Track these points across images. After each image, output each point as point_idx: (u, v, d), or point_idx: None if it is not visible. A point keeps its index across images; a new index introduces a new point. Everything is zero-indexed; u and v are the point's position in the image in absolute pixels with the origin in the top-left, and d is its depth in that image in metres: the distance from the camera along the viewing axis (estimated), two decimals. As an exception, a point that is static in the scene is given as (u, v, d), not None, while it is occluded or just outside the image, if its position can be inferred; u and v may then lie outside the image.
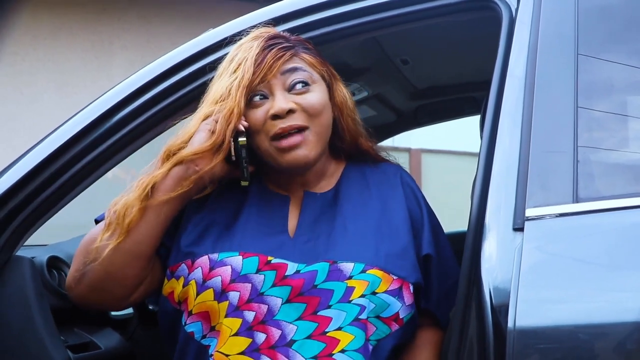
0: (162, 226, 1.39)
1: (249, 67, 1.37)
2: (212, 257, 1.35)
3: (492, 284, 1.18)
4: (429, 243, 1.43)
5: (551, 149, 1.26)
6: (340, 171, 1.50)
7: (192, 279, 1.35)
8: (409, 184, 1.50)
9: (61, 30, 5.73)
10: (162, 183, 1.36)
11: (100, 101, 1.60)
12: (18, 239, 1.57)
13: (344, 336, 1.30)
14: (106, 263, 1.36)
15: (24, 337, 1.56)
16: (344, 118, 1.47)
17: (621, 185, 1.28)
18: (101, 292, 1.41)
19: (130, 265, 1.38)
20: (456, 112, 2.80)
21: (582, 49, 1.32)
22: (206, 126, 1.37)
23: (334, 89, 1.47)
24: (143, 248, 1.38)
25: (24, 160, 1.56)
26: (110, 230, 1.36)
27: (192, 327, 1.35)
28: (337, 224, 1.40)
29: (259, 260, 1.34)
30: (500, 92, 1.35)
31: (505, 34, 1.41)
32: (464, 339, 1.22)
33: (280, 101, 1.37)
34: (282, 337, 1.30)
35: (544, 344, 1.14)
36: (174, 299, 1.38)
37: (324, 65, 1.46)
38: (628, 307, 1.14)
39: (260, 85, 1.38)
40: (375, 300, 1.32)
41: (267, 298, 1.31)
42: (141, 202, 1.35)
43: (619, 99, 1.35)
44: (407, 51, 2.24)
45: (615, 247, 1.20)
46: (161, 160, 1.39)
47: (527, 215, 1.21)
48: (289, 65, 1.40)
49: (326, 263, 1.33)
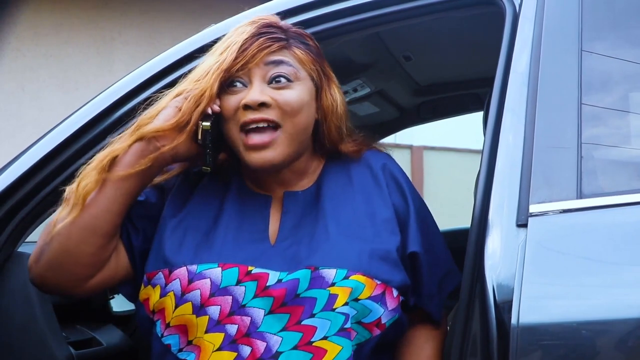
0: (121, 202, 1.33)
1: (233, 51, 1.32)
2: (190, 269, 1.30)
3: (496, 280, 1.18)
4: (416, 240, 1.38)
5: (555, 145, 1.25)
6: (321, 166, 1.45)
7: (170, 290, 1.30)
8: (394, 176, 1.44)
9: (63, 26, 5.73)
10: (123, 157, 1.31)
11: (102, 97, 1.59)
12: (20, 235, 1.57)
13: (330, 346, 1.26)
14: (63, 238, 1.31)
15: (26, 334, 1.56)
16: (327, 123, 1.41)
17: (625, 181, 1.27)
18: (59, 270, 1.33)
19: (86, 242, 1.31)
20: (459, 108, 2.80)
21: (586, 45, 1.31)
22: (175, 103, 1.33)
23: (323, 91, 1.40)
24: (100, 223, 1.31)
25: (26, 156, 1.56)
26: (68, 205, 1.31)
27: (170, 339, 1.31)
28: (319, 227, 1.35)
29: (239, 271, 1.29)
30: (503, 89, 1.34)
31: (508, 29, 1.40)
32: (467, 335, 1.22)
33: (255, 92, 1.31)
34: (268, 350, 1.25)
35: (548, 341, 1.13)
36: (149, 307, 1.34)
37: (316, 64, 1.39)
38: (632, 303, 1.14)
39: (240, 72, 1.33)
40: (357, 306, 1.29)
41: (250, 310, 1.27)
42: (98, 174, 1.30)
43: (623, 95, 1.35)
44: (410, 47, 2.24)
45: (619, 243, 1.19)
46: (129, 134, 1.34)
47: (530, 211, 1.21)
48: (274, 57, 1.34)
49: (308, 270, 1.28)
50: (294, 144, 1.35)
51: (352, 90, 2.41)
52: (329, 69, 1.44)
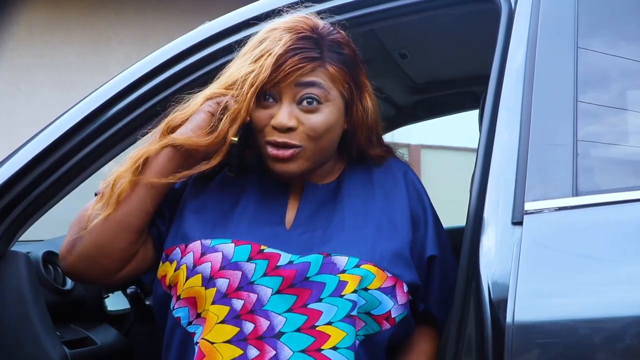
0: (153, 200, 1.37)
1: (268, 66, 1.32)
2: (204, 243, 1.34)
3: (491, 278, 1.17)
4: (434, 244, 1.41)
5: (550, 142, 1.25)
6: (344, 165, 1.48)
7: (183, 263, 1.34)
8: (413, 183, 1.47)
9: (58, 26, 5.72)
10: (154, 159, 1.35)
11: (96, 95, 1.59)
12: (13, 234, 1.56)
13: (334, 332, 1.28)
14: (96, 233, 1.36)
15: (20, 333, 1.55)
16: (356, 135, 1.44)
17: (621, 178, 1.27)
18: (91, 263, 1.39)
19: (119, 237, 1.36)
20: (456, 106, 2.79)
21: (581, 42, 1.31)
22: (207, 107, 1.36)
23: (354, 104, 1.41)
24: (132, 220, 1.36)
25: (19, 155, 1.55)
26: (102, 201, 1.36)
27: (180, 312, 1.34)
28: (336, 218, 1.39)
29: (252, 249, 1.32)
30: (499, 86, 1.34)
31: (504, 27, 1.40)
32: (462, 333, 1.22)
33: (284, 115, 1.34)
34: (271, 328, 1.28)
35: (543, 339, 1.13)
36: (166, 282, 1.37)
37: (349, 79, 1.39)
38: (627, 301, 1.13)
39: (272, 88, 1.35)
40: (366, 296, 1.30)
41: (257, 287, 1.30)
42: (132, 175, 1.34)
43: (618, 92, 1.34)
44: (405, 45, 2.23)
45: (615, 240, 1.19)
46: (160, 133, 1.37)
47: (526, 209, 1.20)
48: (306, 79, 1.35)
49: (320, 255, 1.31)
50: (317, 158, 1.39)
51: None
52: (365, 76, 1.44)
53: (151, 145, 1.37)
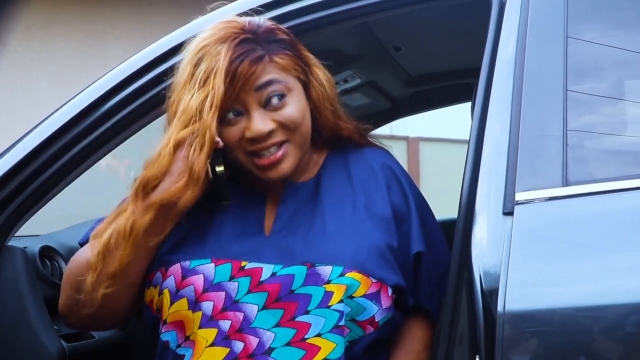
0: (149, 256, 1.36)
1: (219, 83, 1.26)
2: (184, 265, 1.32)
3: (483, 268, 1.18)
4: (419, 239, 1.38)
5: (541, 132, 1.26)
6: (322, 160, 1.45)
7: (165, 287, 1.32)
8: (394, 172, 1.43)
9: (54, 21, 5.71)
10: (142, 224, 1.31)
11: (92, 89, 1.59)
12: (10, 229, 1.57)
13: (324, 344, 1.26)
14: (97, 307, 1.35)
15: (18, 327, 1.56)
16: (321, 112, 1.40)
17: (611, 168, 1.28)
18: (97, 321, 1.45)
19: (122, 297, 1.38)
20: (451, 98, 2.79)
21: (571, 32, 1.31)
22: (181, 153, 1.29)
23: (309, 83, 1.38)
24: (133, 280, 1.37)
25: (15, 150, 1.55)
26: (96, 272, 1.33)
27: (167, 335, 1.32)
28: (316, 221, 1.35)
29: (232, 267, 1.30)
30: (490, 77, 1.34)
31: (495, 18, 1.40)
32: (454, 323, 1.22)
33: (258, 123, 1.29)
34: (261, 345, 1.26)
35: (534, 328, 1.14)
36: (153, 307, 1.36)
37: (296, 61, 1.36)
38: (619, 289, 1.14)
39: (233, 104, 1.30)
40: (351, 304, 1.29)
41: (243, 305, 1.27)
42: (131, 247, 1.31)
43: (608, 82, 1.35)
44: (399, 38, 2.23)
45: (605, 229, 1.19)
46: (135, 194, 1.32)
47: (517, 199, 1.21)
48: (263, 79, 1.30)
49: (303, 266, 1.29)
50: (303, 148, 1.37)
51: (342, 81, 2.40)
52: (305, 51, 1.40)
53: (135, 212, 1.31)
